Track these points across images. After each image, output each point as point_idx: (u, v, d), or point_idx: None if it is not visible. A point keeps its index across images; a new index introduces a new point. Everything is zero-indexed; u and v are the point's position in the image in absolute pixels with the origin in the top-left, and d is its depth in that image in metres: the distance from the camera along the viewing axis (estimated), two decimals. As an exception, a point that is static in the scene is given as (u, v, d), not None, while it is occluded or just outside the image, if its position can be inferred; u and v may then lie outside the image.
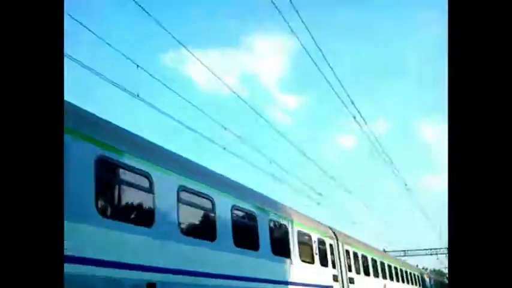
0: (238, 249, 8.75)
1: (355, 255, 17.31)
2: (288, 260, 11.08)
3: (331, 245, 14.80)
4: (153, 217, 6.65)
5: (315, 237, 13.41)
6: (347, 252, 16.28)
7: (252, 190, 11.07)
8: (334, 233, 15.77)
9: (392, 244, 40.79)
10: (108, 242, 5.80)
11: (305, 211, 15.75)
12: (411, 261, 44.87)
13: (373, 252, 20.77)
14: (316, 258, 13.22)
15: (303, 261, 12.01)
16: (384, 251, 39.36)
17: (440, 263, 53.11)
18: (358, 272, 17.10)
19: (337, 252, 15.16)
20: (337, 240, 15.63)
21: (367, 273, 18.21)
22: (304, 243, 12.50)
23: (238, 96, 12.58)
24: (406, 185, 26.52)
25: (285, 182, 16.07)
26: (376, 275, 19.42)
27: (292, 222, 11.83)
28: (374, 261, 19.69)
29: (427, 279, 36.66)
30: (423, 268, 53.54)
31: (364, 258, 18.34)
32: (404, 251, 49.12)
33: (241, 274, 8.83)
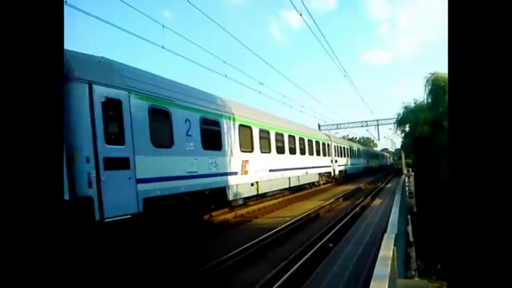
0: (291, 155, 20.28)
1: (338, 147, 32.85)
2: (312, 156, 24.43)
3: (329, 145, 29.46)
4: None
5: (321, 143, 27.17)
6: (334, 147, 31.02)
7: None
8: (329, 137, 31.22)
9: (328, 119, 47.92)
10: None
11: (248, 100, 24.43)
12: (343, 132, 59.60)
13: (346, 143, 39.00)
14: (322, 152, 26.95)
15: (318, 155, 25.84)
16: (319, 125, 50.24)
17: (369, 133, 62.27)
18: (339, 156, 32.53)
19: (332, 149, 30.06)
20: (330, 141, 30.51)
21: (342, 156, 33.73)
22: (318, 146, 26.03)
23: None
24: (344, 71, 32.49)
25: (224, 74, 16.47)
26: (345, 156, 35.37)
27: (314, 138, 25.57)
28: (344, 148, 35.70)
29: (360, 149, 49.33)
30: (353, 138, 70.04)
31: (342, 148, 34.25)
32: (337, 124, 53.21)
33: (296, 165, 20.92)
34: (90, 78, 7.68)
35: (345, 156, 35.24)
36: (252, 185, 14.90)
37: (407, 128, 44.42)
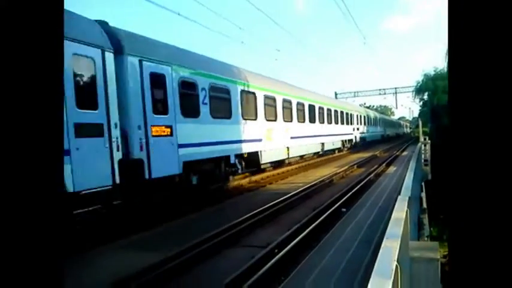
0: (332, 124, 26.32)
1: (362, 117, 36.70)
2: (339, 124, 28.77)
3: (352, 115, 32.27)
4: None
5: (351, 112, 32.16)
6: (357, 116, 34.24)
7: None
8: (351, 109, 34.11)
9: (344, 86, 51.68)
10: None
11: (262, 69, 44.03)
12: (360, 100, 58.16)
13: (370, 113, 42.17)
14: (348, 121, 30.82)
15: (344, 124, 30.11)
16: (336, 94, 50.84)
17: (387, 101, 67.29)
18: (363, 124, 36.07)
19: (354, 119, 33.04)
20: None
21: (364, 124, 37.25)
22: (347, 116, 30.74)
23: None
24: (364, 38, 32.93)
25: (240, 41, 18.29)
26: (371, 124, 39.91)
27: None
28: (368, 118, 39.39)
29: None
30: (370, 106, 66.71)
31: (365, 117, 37.98)
32: (355, 92, 53.47)
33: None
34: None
35: (366, 124, 40.78)
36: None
37: (425, 97, 43.69)
